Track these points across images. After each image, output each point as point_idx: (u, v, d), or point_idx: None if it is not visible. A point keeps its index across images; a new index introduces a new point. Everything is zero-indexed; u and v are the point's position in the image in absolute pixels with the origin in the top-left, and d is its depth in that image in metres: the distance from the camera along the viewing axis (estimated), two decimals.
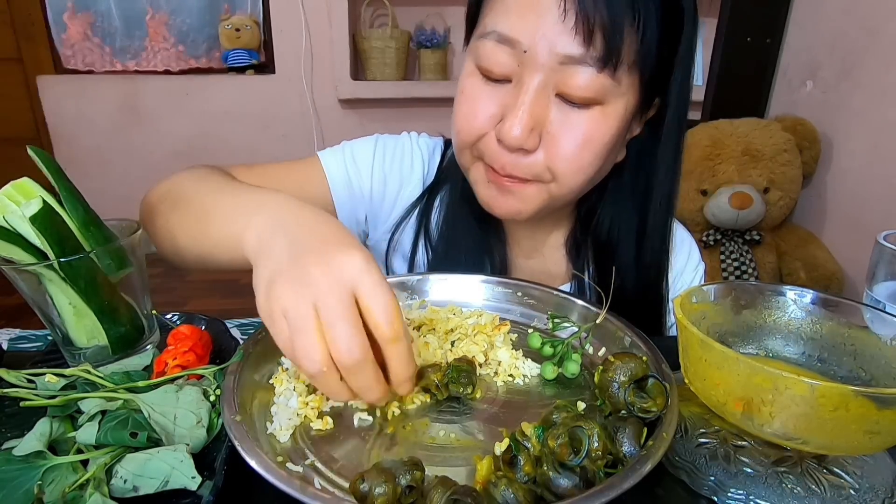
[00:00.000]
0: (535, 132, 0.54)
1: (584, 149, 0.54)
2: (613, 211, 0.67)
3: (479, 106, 0.56)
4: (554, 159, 0.55)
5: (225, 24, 2.38)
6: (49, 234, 0.44)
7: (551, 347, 0.50)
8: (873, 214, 1.49)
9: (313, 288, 0.36)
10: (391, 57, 2.34)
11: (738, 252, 1.61)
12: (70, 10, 2.37)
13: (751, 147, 1.57)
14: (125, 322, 0.50)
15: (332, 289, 0.35)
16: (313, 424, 0.42)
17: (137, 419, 0.38)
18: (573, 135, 0.54)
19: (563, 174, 0.56)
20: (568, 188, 0.58)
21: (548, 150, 0.55)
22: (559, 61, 0.50)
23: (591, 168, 0.56)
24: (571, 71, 0.51)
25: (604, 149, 0.55)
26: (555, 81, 0.52)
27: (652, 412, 0.38)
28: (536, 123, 0.53)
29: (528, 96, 0.52)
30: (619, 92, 0.53)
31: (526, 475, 0.35)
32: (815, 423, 0.34)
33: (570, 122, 0.53)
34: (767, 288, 0.48)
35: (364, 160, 0.71)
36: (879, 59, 1.47)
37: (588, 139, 0.54)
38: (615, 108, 0.54)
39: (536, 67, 0.51)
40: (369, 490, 0.32)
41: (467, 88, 0.57)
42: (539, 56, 0.51)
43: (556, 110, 0.53)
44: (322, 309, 0.35)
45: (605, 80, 0.51)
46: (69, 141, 2.45)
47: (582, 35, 0.49)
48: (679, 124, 0.60)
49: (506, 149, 0.55)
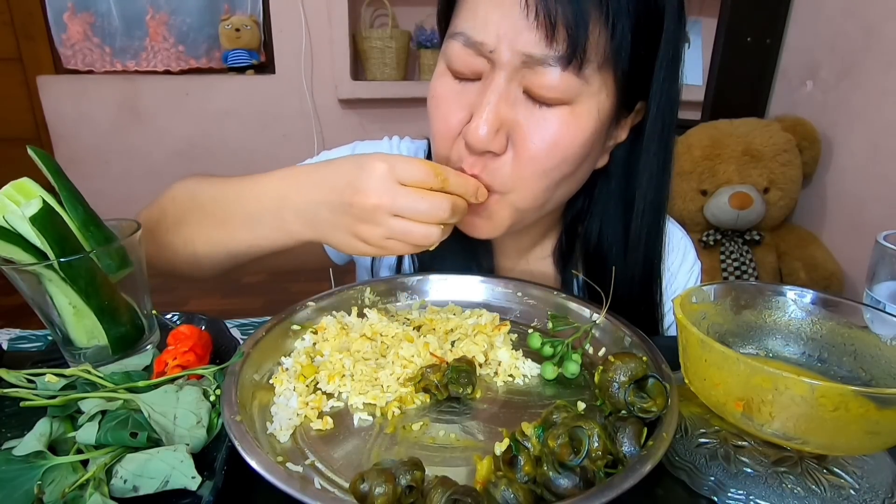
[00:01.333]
0: (502, 133, 0.52)
1: (551, 150, 0.52)
2: (601, 219, 0.65)
3: (450, 108, 0.54)
4: (521, 161, 0.53)
5: (225, 24, 2.38)
6: (49, 234, 0.44)
7: (551, 347, 0.50)
8: (873, 214, 1.49)
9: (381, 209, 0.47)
10: (391, 57, 2.34)
11: (738, 252, 1.61)
12: (70, 10, 2.37)
13: (751, 147, 1.57)
14: (125, 322, 0.50)
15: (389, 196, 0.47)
16: (313, 424, 0.42)
17: (137, 419, 0.38)
18: (540, 135, 0.51)
19: (527, 179, 0.53)
20: (533, 197, 0.55)
21: (516, 152, 0.52)
22: (522, 60, 0.49)
23: (558, 172, 0.54)
24: (536, 70, 0.49)
25: (573, 153, 0.53)
26: (520, 80, 0.51)
27: (652, 412, 0.38)
28: (503, 124, 0.51)
29: (494, 96, 0.50)
30: (588, 91, 0.51)
31: (526, 475, 0.35)
32: (815, 423, 0.34)
33: (538, 123, 0.51)
34: (767, 288, 0.48)
35: None
36: (879, 59, 1.47)
37: (556, 141, 0.52)
38: (586, 108, 0.51)
39: (502, 66, 0.50)
40: (369, 490, 0.32)
41: (437, 89, 0.56)
42: (503, 55, 0.49)
43: (523, 110, 0.52)
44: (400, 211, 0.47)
45: (570, 79, 0.49)
46: (69, 141, 2.45)
47: (544, 31, 0.47)
48: (663, 129, 0.58)
49: (473, 152, 0.53)
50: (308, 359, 0.48)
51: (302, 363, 0.47)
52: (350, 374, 0.46)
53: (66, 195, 0.47)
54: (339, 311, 0.55)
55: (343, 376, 0.46)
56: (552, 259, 0.71)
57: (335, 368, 0.46)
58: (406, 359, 0.48)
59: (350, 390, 0.45)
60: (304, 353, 0.48)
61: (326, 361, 0.47)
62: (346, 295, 0.57)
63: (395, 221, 0.47)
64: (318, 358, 0.48)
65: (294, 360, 0.48)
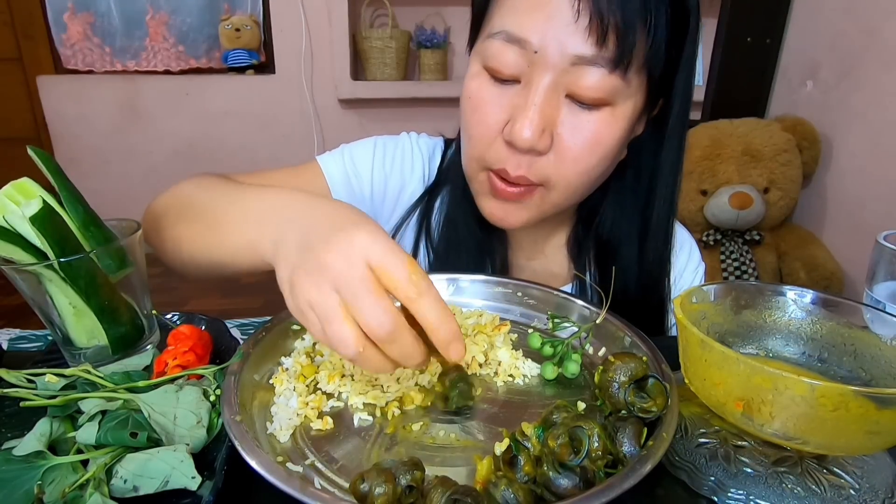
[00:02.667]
0: (546, 133, 0.53)
1: (593, 150, 0.54)
2: (615, 210, 0.66)
3: (487, 111, 0.55)
4: (563, 160, 0.54)
5: (225, 24, 2.38)
6: (49, 234, 0.44)
7: (551, 347, 0.50)
8: (873, 214, 1.49)
9: (330, 273, 0.36)
10: (391, 57, 2.34)
11: (738, 252, 1.61)
12: (70, 10, 2.37)
13: (751, 147, 1.57)
14: (125, 322, 0.50)
15: (347, 268, 0.35)
16: (313, 424, 0.42)
17: (137, 419, 0.38)
18: (583, 136, 0.53)
19: (568, 177, 0.56)
20: (571, 192, 0.57)
21: (557, 151, 0.54)
22: (571, 62, 0.50)
23: (597, 171, 0.56)
24: (583, 71, 0.50)
25: (611, 151, 0.55)
26: (565, 82, 0.52)
27: (652, 412, 0.38)
28: (547, 124, 0.53)
29: (539, 97, 0.52)
30: (628, 93, 0.53)
31: (526, 475, 0.35)
32: (815, 423, 0.34)
33: (580, 123, 0.53)
34: (767, 288, 0.48)
35: (364, 162, 0.71)
36: (879, 59, 1.47)
37: (597, 141, 0.54)
38: (624, 110, 0.54)
39: (547, 67, 0.51)
40: (369, 490, 0.32)
41: (474, 91, 0.56)
42: (550, 56, 0.50)
43: (566, 111, 0.53)
44: (343, 290, 0.35)
45: (616, 80, 0.51)
46: (69, 141, 2.45)
47: (595, 35, 0.49)
48: (682, 123, 0.60)
49: (516, 151, 0.54)
50: (308, 359, 0.48)
51: (302, 363, 0.47)
52: (350, 374, 0.46)
53: (66, 195, 0.47)
54: None
55: (343, 376, 0.46)
56: (566, 249, 0.71)
57: (335, 368, 0.46)
58: None
59: (350, 390, 0.45)
60: (304, 353, 0.48)
61: (326, 361, 0.47)
62: None
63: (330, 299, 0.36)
64: (318, 358, 0.48)
65: (294, 360, 0.48)
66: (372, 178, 0.71)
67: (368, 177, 0.71)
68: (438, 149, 0.75)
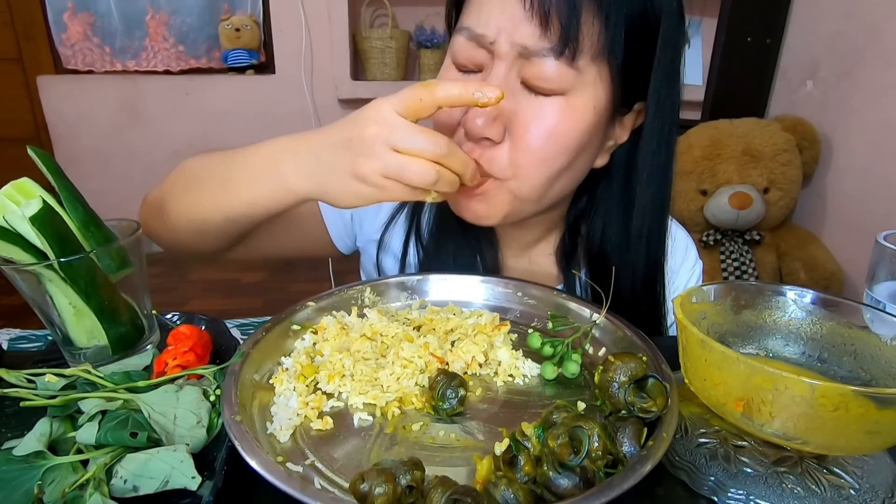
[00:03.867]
0: (499, 122, 0.53)
1: (548, 140, 0.53)
2: (604, 219, 0.66)
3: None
4: (517, 150, 0.54)
5: (225, 24, 2.38)
6: (49, 234, 0.44)
7: (551, 347, 0.50)
8: (873, 214, 1.49)
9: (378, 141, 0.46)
10: (391, 57, 2.34)
11: (738, 252, 1.61)
12: (70, 10, 2.37)
13: (751, 147, 1.57)
14: (125, 322, 0.50)
15: (387, 128, 0.46)
16: (313, 424, 0.42)
17: (137, 419, 0.38)
18: (537, 124, 0.53)
19: (525, 167, 0.55)
20: (535, 185, 0.56)
21: (513, 141, 0.54)
22: (519, 51, 0.51)
23: (556, 162, 0.55)
24: (532, 60, 0.51)
25: (570, 143, 0.54)
26: (518, 71, 0.53)
27: (652, 412, 0.38)
28: (500, 113, 0.53)
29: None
30: (583, 82, 0.52)
31: (526, 475, 0.35)
32: (815, 423, 0.34)
33: (535, 112, 0.53)
34: (767, 288, 0.48)
35: None
36: (879, 59, 1.47)
37: (553, 130, 0.53)
38: (581, 100, 0.53)
39: (500, 57, 0.52)
40: (369, 490, 0.32)
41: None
42: (501, 46, 0.52)
43: (520, 99, 0.53)
44: (397, 144, 0.46)
45: (563, 69, 0.51)
46: (69, 141, 2.45)
47: (538, 20, 0.49)
48: (662, 128, 0.58)
49: (470, 138, 0.55)
50: (308, 359, 0.48)
51: (302, 363, 0.47)
52: (350, 374, 0.46)
53: (66, 195, 0.47)
54: (339, 311, 0.55)
55: (343, 376, 0.46)
56: (555, 257, 0.71)
57: (335, 368, 0.46)
58: (406, 359, 0.48)
59: (350, 390, 0.45)
60: (304, 353, 0.48)
61: (326, 361, 0.47)
62: (346, 295, 0.57)
63: (392, 155, 0.46)
64: (318, 358, 0.48)
65: (294, 360, 0.48)
66: None
67: None
68: None
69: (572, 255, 0.69)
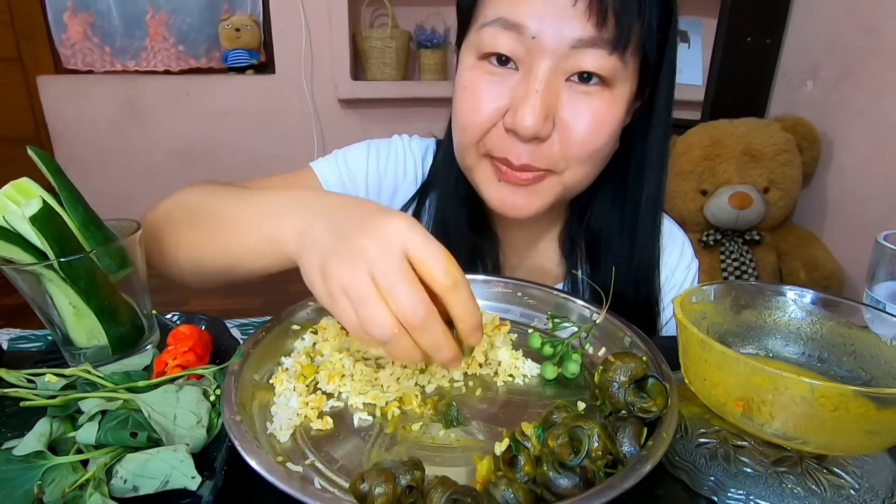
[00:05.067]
0: (549, 119, 0.54)
1: (597, 132, 0.54)
2: (605, 203, 0.67)
3: (484, 97, 0.55)
4: (569, 144, 0.55)
5: (225, 24, 2.38)
6: (49, 234, 0.44)
7: (551, 347, 0.50)
8: (873, 214, 1.49)
9: (366, 258, 0.36)
10: (391, 57, 2.34)
11: (738, 252, 1.61)
12: (70, 10, 2.37)
13: (751, 147, 1.57)
14: (125, 322, 0.50)
15: (384, 254, 0.36)
16: (313, 424, 0.42)
17: (137, 419, 0.38)
18: (585, 118, 0.54)
19: (577, 159, 0.56)
20: (582, 174, 0.58)
21: (562, 136, 0.55)
22: (570, 45, 0.51)
23: (603, 152, 0.57)
24: (583, 54, 0.51)
25: (614, 132, 0.56)
26: (565, 66, 0.52)
27: (652, 412, 0.38)
28: (549, 111, 0.53)
29: (540, 84, 0.52)
30: (625, 75, 0.54)
31: (526, 475, 0.35)
32: (815, 423, 0.34)
33: (582, 106, 0.54)
34: (767, 288, 0.48)
35: (358, 164, 0.71)
36: (879, 59, 1.47)
37: (600, 122, 0.54)
38: (622, 92, 0.54)
39: (546, 53, 0.51)
40: (369, 490, 0.32)
41: (469, 81, 0.56)
42: (548, 41, 0.51)
43: (567, 96, 0.53)
44: (378, 276, 0.36)
45: (615, 62, 0.51)
46: (69, 141, 2.45)
47: (595, 17, 0.49)
48: (668, 112, 0.61)
49: (519, 139, 0.54)
50: (308, 359, 0.48)
51: (302, 363, 0.47)
52: (350, 374, 0.46)
53: (66, 195, 0.47)
54: None
55: (343, 376, 0.46)
56: (558, 245, 0.71)
57: (335, 368, 0.46)
58: None
59: (350, 390, 0.45)
60: (304, 353, 0.48)
61: (326, 361, 0.47)
62: None
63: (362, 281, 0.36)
64: (318, 358, 0.48)
65: (294, 360, 0.48)
66: (367, 180, 0.71)
67: (363, 178, 0.71)
68: (430, 150, 0.75)
69: (577, 241, 0.70)
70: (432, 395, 0.46)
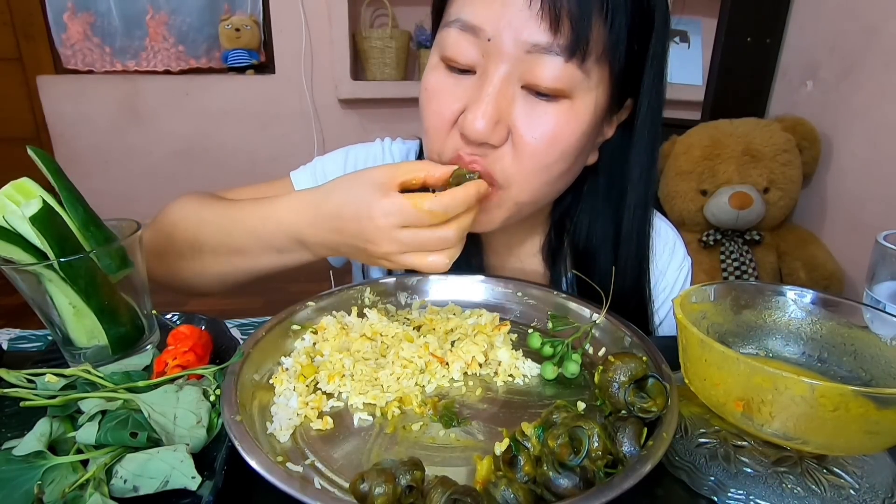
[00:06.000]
0: (501, 125, 0.51)
1: (551, 145, 0.52)
2: (590, 216, 0.65)
3: (444, 100, 0.54)
4: (520, 156, 0.52)
5: (225, 24, 2.38)
6: (49, 234, 0.44)
7: (551, 347, 0.50)
8: (873, 214, 1.49)
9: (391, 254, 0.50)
10: (391, 57, 2.34)
11: (738, 252, 1.60)
12: (70, 10, 2.37)
13: (751, 147, 1.57)
14: (125, 322, 0.50)
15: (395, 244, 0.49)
16: (313, 424, 0.42)
17: (137, 419, 0.38)
18: (540, 129, 0.51)
19: (527, 173, 0.53)
20: (533, 190, 0.55)
21: (514, 145, 0.52)
22: (525, 50, 0.48)
23: (557, 168, 0.54)
24: (538, 60, 0.49)
25: (572, 147, 0.53)
26: (520, 72, 0.50)
27: (652, 412, 0.38)
28: (502, 116, 0.51)
29: (493, 87, 0.50)
30: (587, 86, 0.51)
31: (526, 475, 0.35)
32: (815, 423, 0.34)
33: (537, 115, 0.51)
34: (767, 288, 0.48)
35: (334, 172, 0.71)
36: (879, 59, 1.47)
37: (556, 135, 0.51)
38: (584, 103, 0.51)
39: (501, 57, 0.49)
40: (369, 490, 0.32)
41: (431, 83, 0.55)
42: (504, 44, 0.49)
43: (522, 103, 0.51)
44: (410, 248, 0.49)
45: (573, 70, 0.49)
46: (69, 141, 2.45)
47: (549, 21, 0.47)
48: (652, 124, 0.58)
49: (470, 143, 0.52)
50: (308, 359, 0.48)
51: (302, 363, 0.47)
52: (350, 374, 0.46)
53: (66, 195, 0.47)
54: (339, 311, 0.55)
55: (343, 376, 0.46)
56: (541, 255, 0.70)
57: (335, 368, 0.46)
58: (406, 359, 0.48)
59: (350, 390, 0.45)
60: (304, 353, 0.48)
61: (326, 361, 0.47)
62: (346, 295, 0.57)
63: (406, 257, 0.50)
64: (318, 358, 0.48)
65: (294, 360, 0.48)
66: None
67: None
68: (413, 151, 0.75)
69: (559, 252, 0.69)
70: (432, 395, 0.46)
